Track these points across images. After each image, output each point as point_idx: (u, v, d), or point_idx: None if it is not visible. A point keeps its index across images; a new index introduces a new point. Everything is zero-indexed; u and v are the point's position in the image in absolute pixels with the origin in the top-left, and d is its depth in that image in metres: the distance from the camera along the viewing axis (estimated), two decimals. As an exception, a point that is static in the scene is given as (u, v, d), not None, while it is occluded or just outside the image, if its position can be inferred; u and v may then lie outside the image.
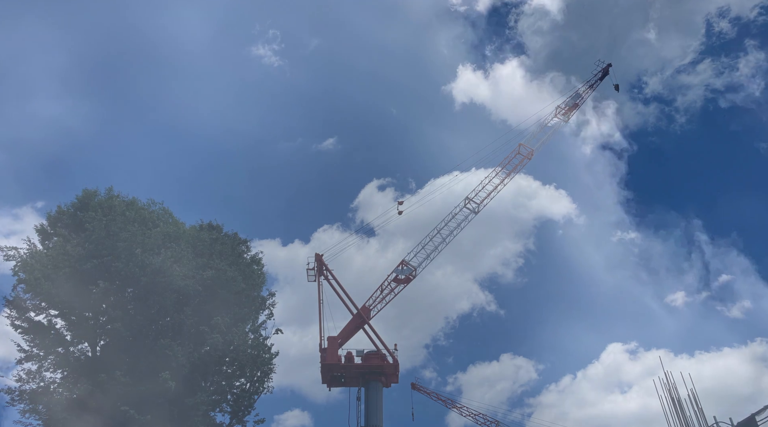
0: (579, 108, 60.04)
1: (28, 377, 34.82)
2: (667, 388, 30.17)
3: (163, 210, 42.28)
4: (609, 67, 59.12)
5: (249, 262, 41.81)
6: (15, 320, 35.08)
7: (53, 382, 35.31)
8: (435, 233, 56.34)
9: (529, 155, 57.85)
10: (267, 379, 39.31)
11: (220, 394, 37.64)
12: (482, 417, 62.06)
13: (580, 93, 59.60)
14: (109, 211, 37.81)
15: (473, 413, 62.41)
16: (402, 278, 55.70)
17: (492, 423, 61.69)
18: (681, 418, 29.15)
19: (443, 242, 56.14)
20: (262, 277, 41.81)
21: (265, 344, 39.90)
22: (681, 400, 29.61)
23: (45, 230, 38.36)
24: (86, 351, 36.36)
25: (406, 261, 55.91)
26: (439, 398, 62.50)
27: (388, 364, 52.12)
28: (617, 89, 59.78)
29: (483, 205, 56.83)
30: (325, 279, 55.36)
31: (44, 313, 35.91)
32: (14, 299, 35.18)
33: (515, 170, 57.89)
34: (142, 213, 39.43)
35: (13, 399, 34.00)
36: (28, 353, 35.15)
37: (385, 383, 52.47)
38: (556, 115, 59.27)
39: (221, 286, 37.51)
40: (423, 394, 61.57)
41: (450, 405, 62.95)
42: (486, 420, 61.89)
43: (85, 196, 39.49)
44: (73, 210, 39.01)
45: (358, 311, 54.26)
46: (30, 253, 36.63)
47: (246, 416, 37.91)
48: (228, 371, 38.46)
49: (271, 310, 42.17)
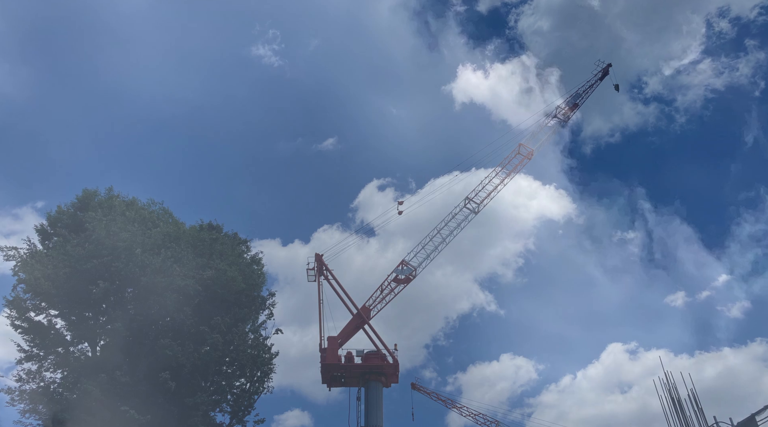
0: (579, 108, 60.05)
1: (28, 377, 34.84)
2: (667, 388, 30.15)
3: (163, 210, 42.32)
4: (609, 67, 59.15)
5: (249, 262, 41.81)
6: (15, 320, 35.06)
7: (53, 382, 35.33)
8: (435, 233, 56.34)
9: (529, 155, 57.85)
10: (267, 379, 39.36)
11: (220, 394, 37.64)
12: (482, 417, 62.05)
13: (580, 93, 59.60)
14: (109, 212, 37.81)
15: (473, 413, 62.41)
16: (402, 278, 55.68)
17: (492, 423, 61.68)
18: (681, 418, 29.14)
19: (443, 242, 56.14)
20: (262, 277, 41.80)
21: (265, 344, 39.93)
22: (681, 400, 29.59)
23: (45, 230, 38.35)
24: (86, 351, 36.36)
25: (406, 261, 55.89)
26: (439, 398, 62.50)
27: (388, 364, 52.09)
28: (617, 89, 59.78)
29: (483, 205, 56.82)
30: (325, 279, 55.34)
31: (44, 313, 35.91)
32: (14, 299, 35.15)
33: (515, 170, 57.89)
34: (142, 213, 39.44)
35: (13, 399, 33.97)
36: (28, 353, 35.16)
37: (385, 383, 52.44)
38: (556, 115, 59.29)
39: (221, 286, 37.50)
40: (423, 394, 61.57)
41: (450, 405, 62.95)
42: (486, 420, 61.87)
43: (85, 197, 39.51)
44: (73, 210, 39.01)
45: (358, 311, 54.25)
46: (30, 253, 36.64)
47: (246, 416, 37.94)
48: (228, 371, 38.45)
49: (271, 310, 42.23)
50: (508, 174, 57.55)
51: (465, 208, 56.63)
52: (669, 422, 29.51)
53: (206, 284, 36.97)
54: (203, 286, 36.85)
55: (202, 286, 36.80)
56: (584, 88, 59.62)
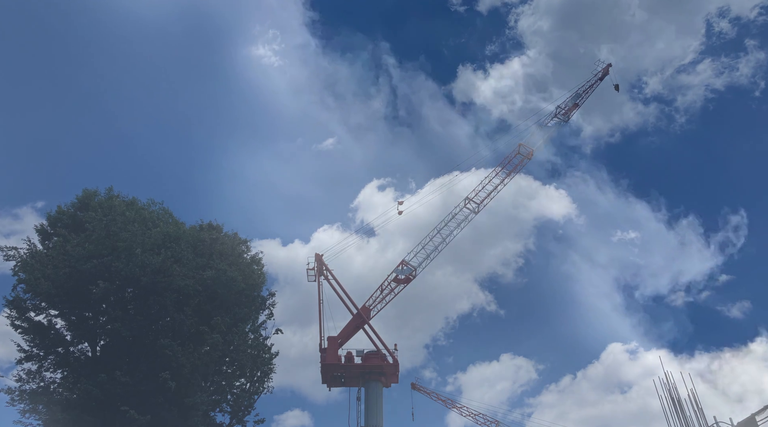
0: (579, 108, 60.06)
1: (28, 377, 34.82)
2: (667, 388, 30.18)
3: (163, 210, 42.28)
4: (609, 67, 59.21)
5: (249, 262, 41.76)
6: (15, 320, 35.05)
7: (53, 382, 35.32)
8: (435, 233, 56.40)
9: (529, 155, 57.91)
10: (267, 379, 39.31)
11: (220, 394, 37.62)
12: (482, 417, 62.15)
13: (580, 93, 59.61)
14: (109, 211, 37.80)
15: (473, 413, 62.47)
16: (402, 278, 55.74)
17: (492, 423, 61.73)
18: (681, 418, 29.15)
19: (443, 242, 56.20)
20: (262, 277, 41.74)
21: (265, 344, 39.90)
22: (681, 400, 29.62)
23: (45, 230, 38.33)
24: (86, 351, 36.35)
25: (406, 261, 55.95)
26: (439, 398, 62.60)
27: (388, 364, 52.17)
28: (617, 89, 59.84)
29: (483, 205, 56.87)
30: (325, 279, 55.41)
31: (44, 313, 35.90)
32: (14, 299, 35.14)
33: (515, 170, 57.96)
34: (142, 213, 39.43)
35: (13, 399, 33.97)
36: (28, 353, 35.14)
37: (385, 383, 52.51)
38: (556, 115, 59.35)
39: (221, 286, 37.48)
40: (423, 394, 61.68)
41: (450, 405, 63.02)
42: (486, 420, 61.95)
43: (85, 196, 39.49)
44: (73, 210, 39.00)
45: (358, 311, 54.27)
46: (30, 253, 36.61)
47: (246, 416, 37.90)
48: (228, 371, 38.43)
49: (271, 310, 42.14)
50: (508, 174, 57.62)
51: (465, 209, 56.69)
52: (669, 422, 29.54)
53: (206, 284, 36.96)
54: (203, 286, 36.84)
55: (202, 286, 36.79)
56: (584, 88, 59.68)
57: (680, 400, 29.65)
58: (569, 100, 59.53)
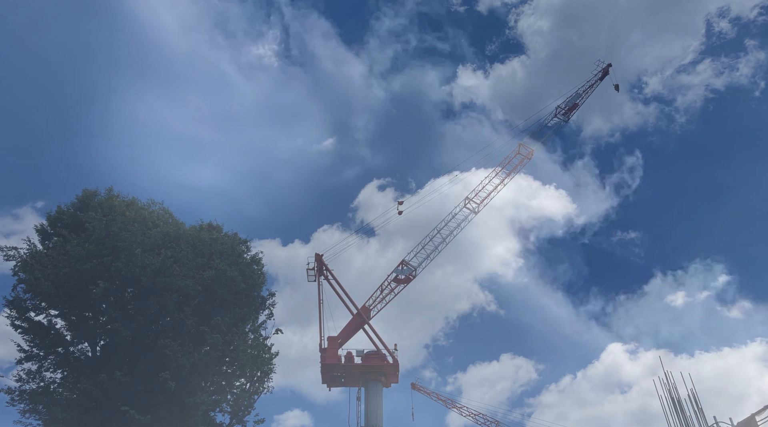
0: (579, 108, 60.09)
1: (28, 377, 34.82)
2: (667, 388, 30.16)
3: (163, 210, 42.27)
4: (609, 67, 59.21)
5: (249, 262, 41.75)
6: (15, 320, 35.06)
7: (53, 382, 35.32)
8: (435, 233, 56.42)
9: (529, 155, 57.96)
10: (267, 379, 39.27)
11: (220, 394, 37.60)
12: (482, 417, 62.15)
13: (580, 93, 59.62)
14: (109, 211, 37.80)
15: (473, 413, 62.47)
16: (402, 278, 55.76)
17: (492, 423, 61.73)
18: (681, 418, 29.14)
19: (443, 242, 56.23)
20: (262, 277, 41.73)
21: (265, 344, 39.87)
22: (681, 400, 29.60)
23: (45, 230, 38.32)
24: (86, 351, 36.34)
25: (406, 261, 55.96)
26: (439, 398, 62.61)
27: (388, 364, 52.18)
28: (617, 89, 59.85)
29: (483, 205, 56.89)
30: (325, 279, 55.42)
31: (44, 313, 35.90)
32: (14, 299, 35.15)
33: (515, 170, 57.99)
34: (142, 213, 39.43)
35: (13, 399, 33.98)
36: (28, 353, 35.14)
37: (385, 383, 52.51)
38: (556, 115, 59.36)
39: (221, 286, 37.47)
40: (423, 394, 61.70)
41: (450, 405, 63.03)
42: (486, 420, 61.95)
43: (85, 196, 39.50)
44: (73, 210, 38.99)
45: (358, 311, 54.28)
46: (30, 253, 36.61)
47: (246, 416, 37.88)
48: (228, 371, 38.42)
49: (271, 310, 42.12)
50: (508, 174, 57.66)
51: (465, 209, 56.72)
52: (669, 422, 29.52)
53: (206, 284, 36.96)
54: (203, 286, 36.84)
55: (202, 286, 36.79)
56: (584, 88, 59.71)
57: (680, 400, 29.63)
58: (569, 100, 59.55)
